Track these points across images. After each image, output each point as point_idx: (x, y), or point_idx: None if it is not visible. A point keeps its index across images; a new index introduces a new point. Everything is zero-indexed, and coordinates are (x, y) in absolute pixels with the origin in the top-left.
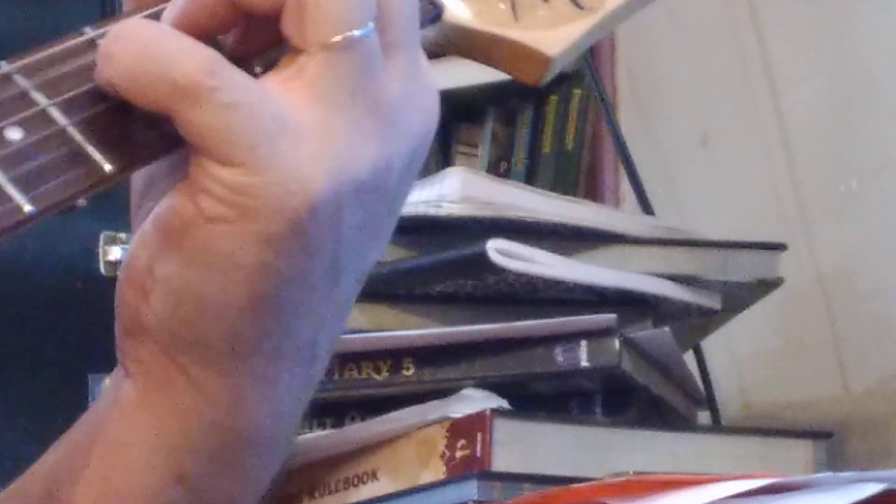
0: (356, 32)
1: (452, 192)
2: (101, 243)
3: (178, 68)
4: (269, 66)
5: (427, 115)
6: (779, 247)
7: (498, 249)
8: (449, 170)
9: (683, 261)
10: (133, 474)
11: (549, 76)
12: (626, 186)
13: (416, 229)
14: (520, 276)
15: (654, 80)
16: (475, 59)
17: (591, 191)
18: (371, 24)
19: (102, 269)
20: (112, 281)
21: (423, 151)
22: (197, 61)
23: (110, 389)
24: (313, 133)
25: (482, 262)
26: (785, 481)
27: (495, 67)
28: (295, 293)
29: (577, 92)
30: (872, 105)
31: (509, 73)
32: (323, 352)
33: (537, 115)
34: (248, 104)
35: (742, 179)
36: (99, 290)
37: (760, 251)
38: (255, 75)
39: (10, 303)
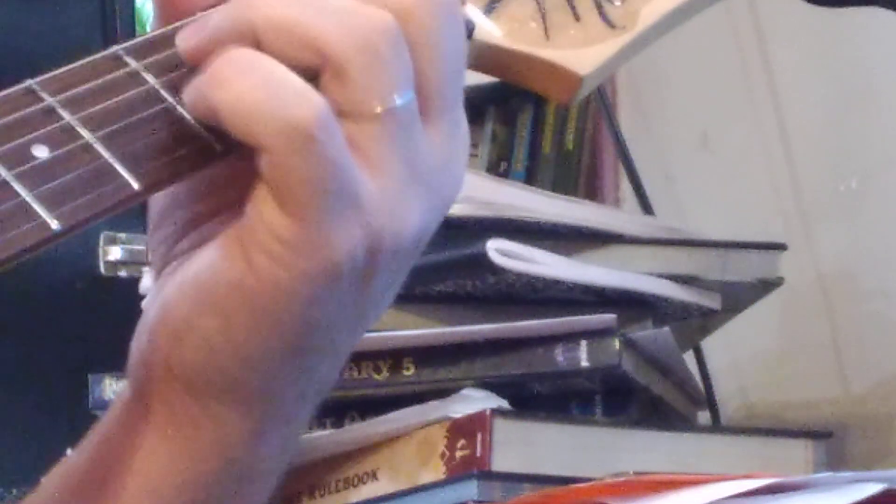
0: (398, 102)
1: None
2: (101, 243)
3: (298, 110)
4: None
5: (460, 177)
6: (779, 247)
7: (498, 249)
8: None
9: (683, 261)
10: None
11: (580, 95)
12: (626, 186)
13: None
14: (520, 276)
15: (654, 80)
16: (506, 77)
17: (591, 191)
18: (411, 93)
19: (102, 269)
20: (112, 281)
21: (451, 205)
22: (317, 109)
23: (121, 415)
24: (360, 198)
25: (482, 262)
26: (785, 481)
27: (526, 87)
28: (325, 344)
29: None
30: (872, 105)
31: (541, 93)
32: (332, 384)
33: (537, 115)
34: (343, 165)
35: (742, 179)
36: (99, 290)
37: (760, 251)
38: None
39: (10, 303)
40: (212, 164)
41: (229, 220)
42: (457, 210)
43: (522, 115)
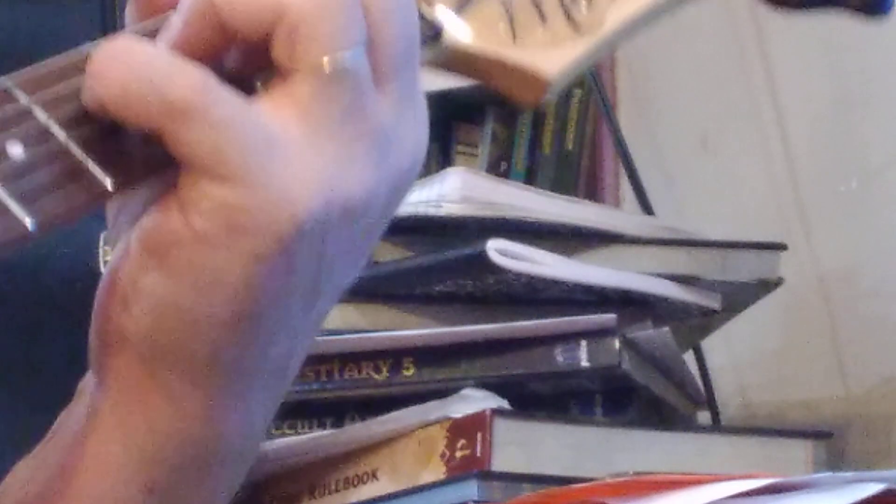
0: (346, 55)
1: (452, 192)
2: (101, 243)
3: (170, 87)
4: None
5: (416, 147)
6: (779, 247)
7: (498, 249)
8: (449, 170)
9: (683, 261)
10: (104, 485)
11: (548, 97)
12: (626, 186)
13: (416, 229)
14: (520, 276)
15: (654, 80)
16: (474, 78)
17: (591, 191)
18: (361, 49)
19: (102, 269)
20: None
21: (410, 181)
22: (188, 80)
23: (82, 399)
24: (303, 154)
25: (482, 262)
26: (785, 481)
27: (493, 88)
28: (276, 312)
29: (578, 92)
30: (872, 105)
31: (508, 94)
32: (294, 368)
33: (537, 115)
34: (240, 122)
35: (742, 179)
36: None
37: (760, 251)
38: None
39: (10, 303)
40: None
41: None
42: (457, 210)
43: (522, 115)
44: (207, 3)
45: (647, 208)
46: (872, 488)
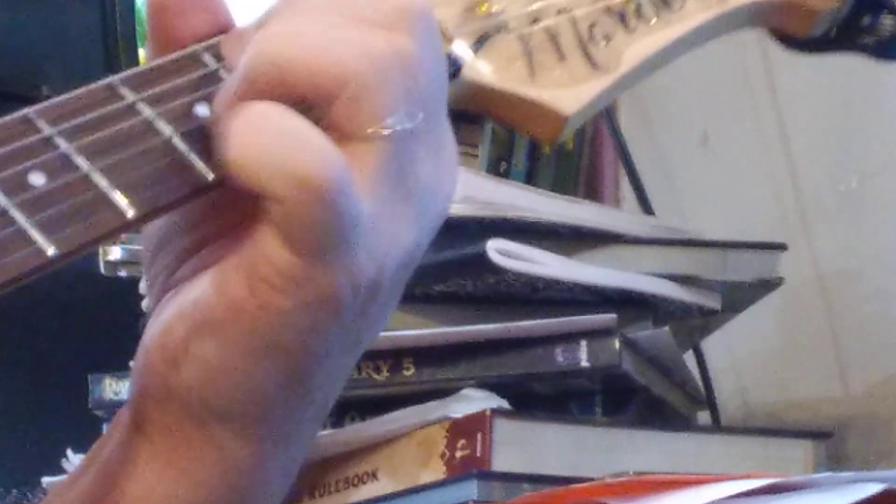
0: (407, 120)
1: None
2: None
3: (312, 166)
4: None
5: (450, 188)
6: (779, 247)
7: (498, 249)
8: None
9: (683, 261)
10: None
11: (564, 135)
12: (626, 186)
13: None
14: (520, 276)
15: (654, 80)
16: (491, 115)
17: (591, 191)
18: (421, 115)
19: (102, 269)
20: (112, 281)
21: (442, 220)
22: (331, 166)
23: (121, 443)
24: (369, 226)
25: (482, 262)
26: (785, 481)
27: (510, 125)
28: (324, 367)
29: None
30: (872, 105)
31: (525, 131)
32: (326, 412)
33: None
34: (353, 211)
35: (742, 179)
36: (99, 291)
37: (760, 251)
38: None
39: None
40: (205, 193)
41: (229, 245)
42: (457, 210)
43: None
44: (270, 64)
45: (647, 208)
46: (872, 488)
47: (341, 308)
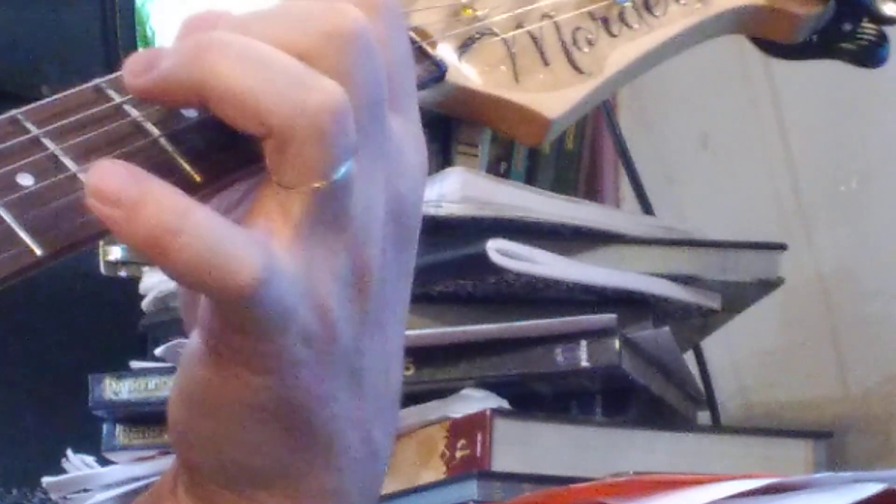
0: (335, 178)
1: (452, 192)
2: (101, 243)
3: (235, 279)
4: None
5: (414, 182)
6: (779, 247)
7: (498, 249)
8: (449, 170)
9: (683, 261)
10: None
11: (549, 138)
12: (626, 186)
13: None
14: (520, 276)
15: (654, 80)
16: (476, 119)
17: (591, 191)
18: (349, 163)
19: (102, 269)
20: (112, 281)
21: (409, 221)
22: (252, 271)
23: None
24: (297, 272)
25: (482, 262)
26: (785, 481)
27: (496, 129)
28: (323, 410)
29: None
30: (872, 105)
31: (510, 135)
32: (382, 444)
33: None
34: (281, 300)
35: (742, 179)
36: (99, 291)
37: (760, 251)
38: None
39: (10, 303)
40: (192, 195)
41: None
42: (457, 210)
43: None
44: (195, 79)
45: (647, 208)
46: (872, 488)
47: (297, 362)
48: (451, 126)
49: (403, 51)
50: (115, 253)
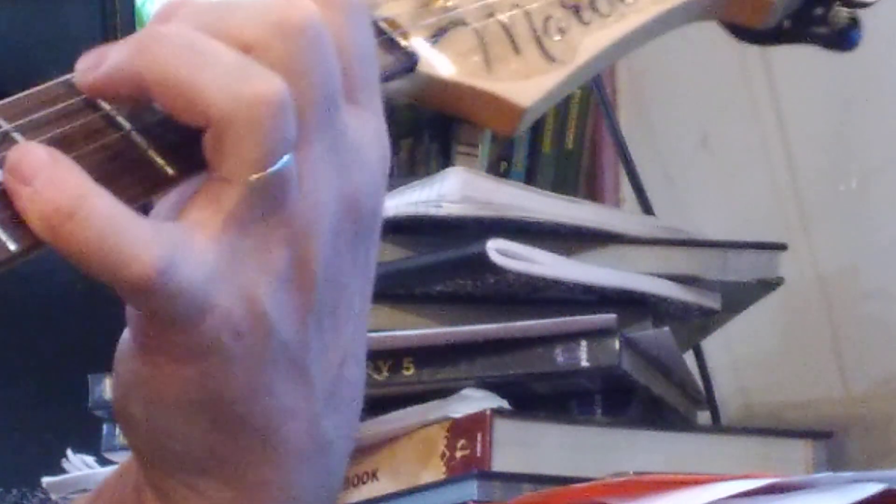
0: (270, 171)
1: (452, 192)
2: None
3: (130, 268)
4: None
5: (371, 175)
6: (779, 247)
7: (498, 249)
8: (449, 170)
9: (683, 261)
10: None
11: (522, 127)
12: (626, 186)
13: (416, 229)
14: (520, 276)
15: (654, 80)
16: (449, 109)
17: (591, 191)
18: (287, 157)
19: None
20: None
21: (366, 214)
22: (148, 261)
23: (130, 490)
24: (217, 263)
25: (482, 262)
26: (785, 481)
27: (468, 119)
28: (257, 402)
29: (578, 92)
30: (872, 105)
31: (483, 124)
32: (334, 437)
33: None
34: (191, 291)
35: (742, 179)
36: (99, 291)
37: (760, 251)
38: None
39: (10, 303)
40: (164, 189)
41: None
42: (457, 210)
43: None
44: (136, 72)
45: (647, 208)
46: (872, 488)
47: (225, 354)
48: (451, 126)
49: (363, 43)
50: None
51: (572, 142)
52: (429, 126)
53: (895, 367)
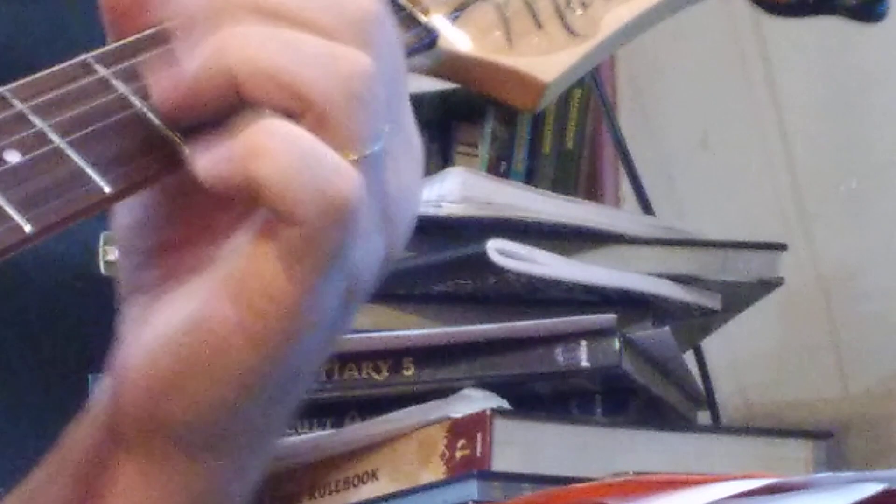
0: (375, 147)
1: (452, 192)
2: (101, 243)
3: (338, 187)
4: None
5: (417, 187)
6: (779, 247)
7: (498, 249)
8: (449, 170)
9: (683, 261)
10: None
11: (544, 103)
12: (626, 186)
13: (416, 229)
14: (520, 276)
15: (654, 80)
16: (470, 85)
17: (591, 191)
18: (387, 128)
19: (102, 269)
20: (112, 281)
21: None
22: (355, 185)
23: (97, 450)
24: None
25: (482, 262)
26: (785, 481)
27: (490, 94)
28: (302, 384)
29: (577, 92)
30: (872, 105)
31: (504, 100)
32: (285, 424)
33: (537, 115)
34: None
35: (742, 179)
36: (99, 290)
37: (760, 251)
38: None
39: (10, 303)
40: (181, 167)
41: (202, 257)
42: (457, 210)
43: (522, 114)
44: (225, 69)
45: (647, 208)
46: (872, 488)
47: (319, 329)
48: (451, 126)
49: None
50: (115, 253)
51: (572, 142)
52: (429, 126)
53: (895, 367)
